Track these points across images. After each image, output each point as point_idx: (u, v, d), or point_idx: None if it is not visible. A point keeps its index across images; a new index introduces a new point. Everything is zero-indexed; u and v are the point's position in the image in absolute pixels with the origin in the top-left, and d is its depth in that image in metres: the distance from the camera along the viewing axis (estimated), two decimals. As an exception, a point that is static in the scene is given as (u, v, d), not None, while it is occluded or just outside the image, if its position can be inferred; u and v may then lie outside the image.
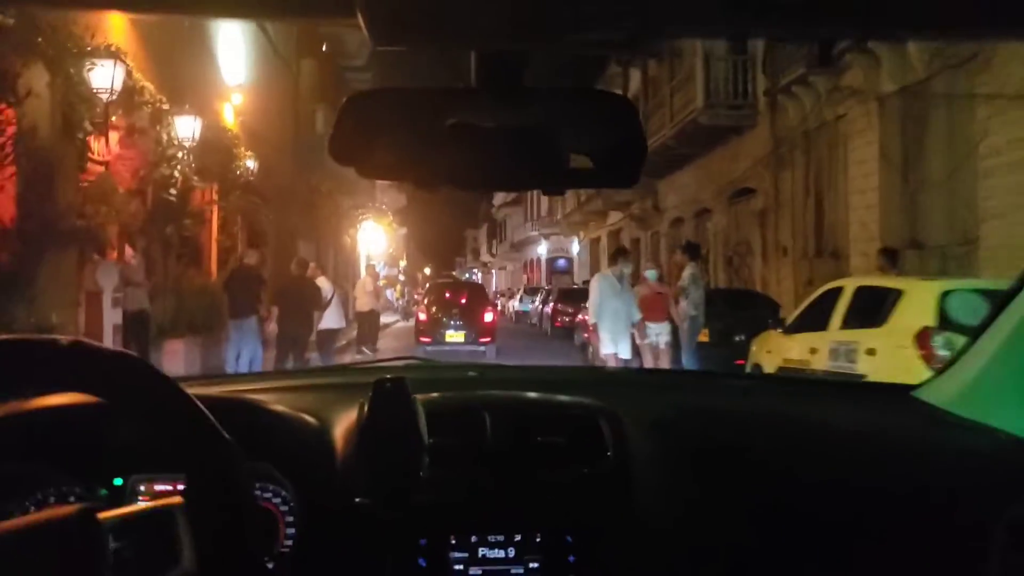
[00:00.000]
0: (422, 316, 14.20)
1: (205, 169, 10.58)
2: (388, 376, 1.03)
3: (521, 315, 28.96)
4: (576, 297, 20.37)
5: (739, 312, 10.08)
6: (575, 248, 36.11)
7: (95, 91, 6.88)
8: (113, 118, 8.18)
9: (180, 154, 9.07)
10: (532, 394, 1.38)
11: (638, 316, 7.71)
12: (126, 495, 1.06)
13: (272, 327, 9.24)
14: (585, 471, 1.18)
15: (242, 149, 11.65)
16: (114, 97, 7.03)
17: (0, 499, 0.95)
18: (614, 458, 1.19)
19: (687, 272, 8.71)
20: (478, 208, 67.54)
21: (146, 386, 0.75)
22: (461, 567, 1.10)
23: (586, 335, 9.85)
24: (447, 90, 0.79)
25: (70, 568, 0.63)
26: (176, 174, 8.96)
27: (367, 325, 14.16)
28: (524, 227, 46.04)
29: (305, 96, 17.58)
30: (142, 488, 1.07)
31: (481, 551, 1.10)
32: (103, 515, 0.67)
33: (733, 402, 1.49)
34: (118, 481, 1.07)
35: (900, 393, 1.45)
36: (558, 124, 0.79)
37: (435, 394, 1.28)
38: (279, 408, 1.21)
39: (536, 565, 1.10)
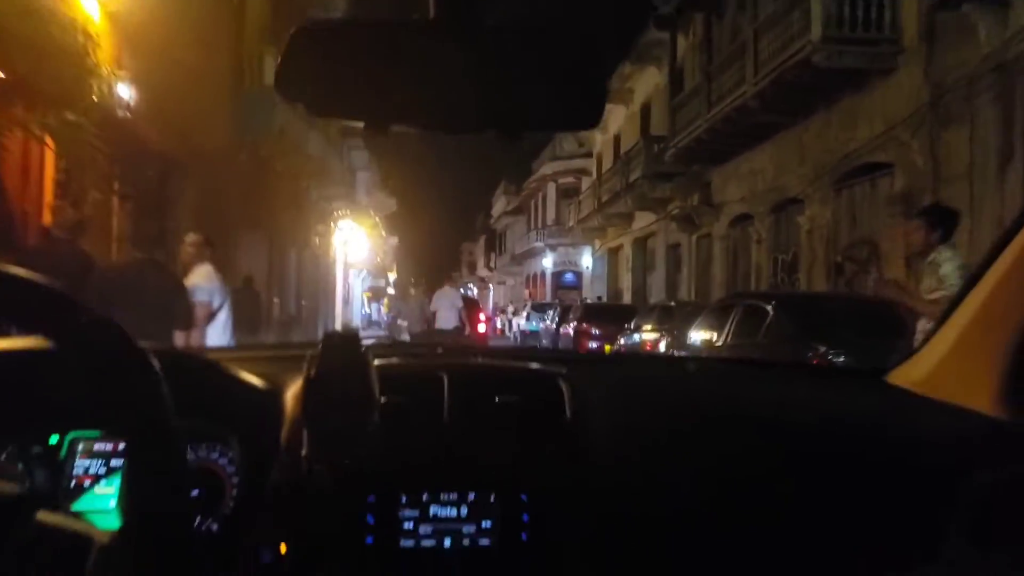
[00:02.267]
0: None
1: (13, 77, 6.00)
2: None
3: (528, 335, 24.38)
4: (608, 315, 15.63)
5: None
6: (585, 260, 31.84)
7: None
8: None
9: None
10: (494, 361, 1.40)
11: None
12: (62, 453, 1.06)
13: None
14: (543, 432, 1.17)
15: (102, 62, 7.05)
16: None
17: None
18: (572, 420, 1.19)
19: (946, 256, 4.26)
20: (475, 219, 63.34)
21: (97, 331, 0.70)
22: (411, 525, 1.08)
23: None
24: (404, 23, 0.80)
25: None
26: None
27: None
28: (527, 237, 41.72)
29: (251, 36, 12.97)
30: (80, 447, 1.07)
31: (433, 510, 1.09)
32: (42, 516, 0.66)
33: (701, 380, 1.52)
34: (54, 439, 1.06)
35: (872, 377, 1.46)
36: (518, 62, 0.81)
37: (395, 360, 1.31)
38: (228, 369, 1.18)
39: (489, 524, 1.09)
